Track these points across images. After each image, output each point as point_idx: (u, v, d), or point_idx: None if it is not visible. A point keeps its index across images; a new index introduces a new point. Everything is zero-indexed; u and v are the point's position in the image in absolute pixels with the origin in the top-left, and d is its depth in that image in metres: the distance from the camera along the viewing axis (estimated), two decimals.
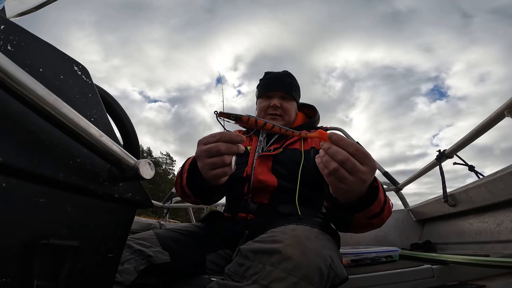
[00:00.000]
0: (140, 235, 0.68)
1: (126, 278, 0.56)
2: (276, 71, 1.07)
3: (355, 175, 0.50)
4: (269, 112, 0.98)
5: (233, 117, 0.56)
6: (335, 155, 0.50)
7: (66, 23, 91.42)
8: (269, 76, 1.05)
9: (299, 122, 1.05)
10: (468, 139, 1.09)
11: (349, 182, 0.50)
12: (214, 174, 0.60)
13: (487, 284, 0.64)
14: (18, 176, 0.28)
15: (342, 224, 0.68)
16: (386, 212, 0.61)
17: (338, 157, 0.49)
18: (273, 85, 1.01)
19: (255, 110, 1.09)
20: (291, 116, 1.00)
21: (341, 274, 0.50)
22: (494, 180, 0.83)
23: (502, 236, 0.83)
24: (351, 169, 0.49)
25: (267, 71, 1.09)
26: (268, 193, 0.83)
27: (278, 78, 1.03)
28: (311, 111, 1.11)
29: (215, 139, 0.58)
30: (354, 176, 0.50)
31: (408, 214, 1.49)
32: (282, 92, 0.99)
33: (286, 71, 1.07)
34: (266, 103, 0.99)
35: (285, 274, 0.44)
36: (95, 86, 0.40)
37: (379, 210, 0.59)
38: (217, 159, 0.58)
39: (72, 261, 0.32)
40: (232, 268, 0.51)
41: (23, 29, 0.32)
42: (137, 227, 1.93)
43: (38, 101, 0.26)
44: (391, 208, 0.65)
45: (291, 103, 1.00)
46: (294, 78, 1.05)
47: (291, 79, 1.03)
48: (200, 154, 0.60)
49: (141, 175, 0.34)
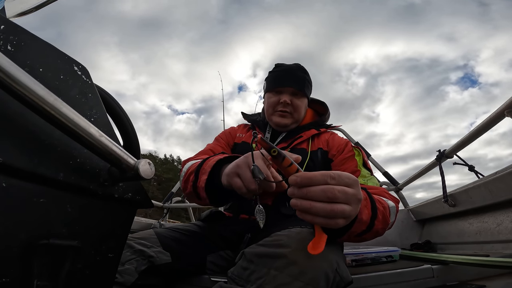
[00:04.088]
0: (141, 235, 0.68)
1: (127, 279, 0.56)
2: (288, 64, 0.98)
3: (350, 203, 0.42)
4: (278, 108, 0.91)
5: (275, 152, 0.44)
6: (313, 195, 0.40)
7: (94, 45, 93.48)
8: (280, 70, 0.96)
9: (308, 120, 0.99)
10: (468, 139, 1.09)
11: (347, 212, 0.41)
12: (235, 182, 0.54)
13: (487, 284, 0.64)
14: (18, 176, 0.28)
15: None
16: (379, 224, 0.55)
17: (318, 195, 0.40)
18: (284, 80, 0.92)
19: (263, 104, 1.02)
20: (300, 113, 0.94)
21: (346, 278, 0.50)
22: (494, 180, 0.83)
23: (502, 236, 0.83)
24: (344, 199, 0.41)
25: (277, 63, 1.00)
26: (272, 194, 0.82)
27: (290, 72, 0.94)
28: (322, 108, 1.04)
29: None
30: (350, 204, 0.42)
31: (408, 214, 1.49)
32: (294, 88, 0.91)
33: (298, 64, 0.97)
34: (275, 98, 0.92)
35: (290, 279, 0.44)
36: (95, 86, 0.40)
37: (366, 228, 0.52)
38: (250, 178, 0.51)
39: (72, 261, 0.32)
40: (236, 271, 0.50)
41: (23, 29, 0.32)
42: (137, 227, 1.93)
43: (38, 101, 0.26)
44: (387, 218, 0.58)
45: (302, 99, 0.93)
46: (306, 72, 0.96)
47: (303, 73, 0.94)
48: (236, 170, 0.54)
49: (141, 175, 0.33)
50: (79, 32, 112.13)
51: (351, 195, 0.41)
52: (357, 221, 0.49)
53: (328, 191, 0.40)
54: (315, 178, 0.41)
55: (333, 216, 0.40)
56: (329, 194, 0.39)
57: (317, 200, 0.40)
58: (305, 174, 0.41)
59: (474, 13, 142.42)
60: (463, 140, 1.12)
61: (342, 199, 0.40)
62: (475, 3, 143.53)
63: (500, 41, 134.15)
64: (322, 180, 0.40)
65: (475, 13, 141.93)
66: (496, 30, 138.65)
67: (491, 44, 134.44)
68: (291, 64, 0.97)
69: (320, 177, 0.41)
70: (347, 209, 0.41)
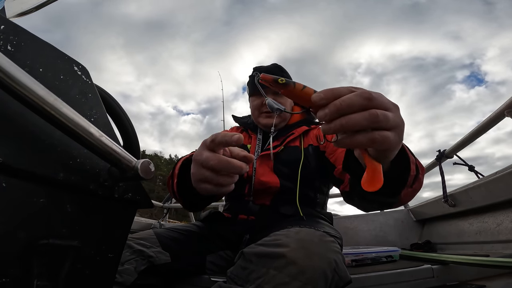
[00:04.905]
0: (140, 235, 0.68)
1: (126, 278, 0.56)
2: (265, 66, 0.99)
3: (392, 127, 0.34)
4: (263, 110, 0.92)
5: (282, 81, 0.38)
6: (350, 106, 0.32)
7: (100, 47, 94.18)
8: (257, 72, 0.97)
9: (298, 118, 0.99)
10: (468, 139, 1.09)
11: (391, 139, 0.34)
12: (203, 188, 0.47)
13: (487, 284, 0.64)
14: (18, 176, 0.28)
15: (382, 206, 0.58)
16: (421, 169, 0.49)
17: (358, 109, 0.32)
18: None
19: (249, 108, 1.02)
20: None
21: (345, 277, 0.50)
22: (494, 180, 0.83)
23: (502, 236, 0.83)
24: (384, 121, 0.33)
25: (255, 67, 1.01)
26: (270, 194, 0.82)
27: (268, 72, 0.96)
28: None
29: (212, 142, 0.44)
30: (392, 130, 0.34)
31: (408, 214, 1.49)
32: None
33: (275, 64, 0.99)
34: (259, 101, 0.93)
35: (289, 278, 0.44)
36: (95, 86, 0.40)
37: (415, 171, 0.46)
38: (213, 176, 0.45)
39: (72, 261, 0.32)
40: (235, 271, 0.51)
41: (23, 29, 0.32)
42: (137, 227, 1.93)
43: (38, 101, 0.26)
44: (421, 163, 0.51)
45: (286, 97, 0.90)
46: (284, 70, 0.98)
47: (281, 72, 0.96)
48: (196, 158, 0.46)
49: (141, 175, 0.33)
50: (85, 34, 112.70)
51: (386, 99, 0.34)
52: (410, 160, 0.43)
53: (363, 92, 0.32)
54: (340, 88, 0.33)
55: (378, 123, 0.32)
56: (365, 95, 0.32)
57: (354, 111, 0.32)
58: (328, 88, 0.34)
59: (479, 11, 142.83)
60: (463, 140, 1.12)
61: (380, 100, 0.33)
62: (480, 2, 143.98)
63: (506, 40, 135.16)
64: (347, 90, 0.33)
65: (480, 11, 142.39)
66: (501, 28, 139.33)
67: (496, 43, 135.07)
68: (268, 65, 0.99)
69: (345, 88, 0.34)
70: (390, 115, 0.33)
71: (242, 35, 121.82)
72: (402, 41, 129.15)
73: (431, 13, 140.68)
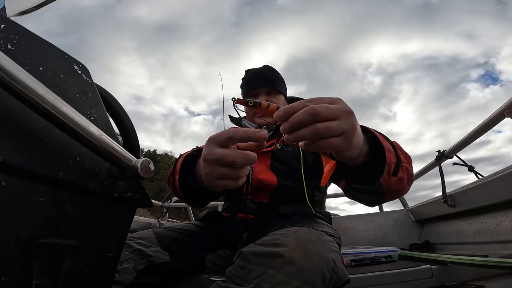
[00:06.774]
0: (139, 234, 0.68)
1: (125, 277, 0.56)
2: (256, 68, 1.02)
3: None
4: (254, 112, 0.91)
5: (251, 103, 0.51)
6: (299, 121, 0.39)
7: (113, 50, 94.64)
8: (250, 74, 1.00)
9: None
10: (468, 139, 1.09)
11: (334, 127, 0.39)
12: (222, 185, 0.46)
13: (486, 284, 0.64)
14: (17, 175, 0.28)
15: (375, 197, 0.61)
16: (404, 158, 0.53)
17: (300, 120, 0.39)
18: (256, 83, 0.96)
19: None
20: None
21: (343, 277, 0.50)
22: (494, 180, 0.83)
23: (501, 236, 0.83)
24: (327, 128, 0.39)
25: (247, 69, 1.03)
26: (268, 192, 0.82)
27: (260, 74, 0.98)
28: None
29: (229, 140, 0.44)
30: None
31: (408, 214, 1.49)
32: (266, 87, 0.95)
33: (267, 65, 1.02)
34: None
35: (287, 278, 0.44)
36: (95, 85, 0.40)
37: (396, 159, 0.50)
38: (231, 171, 0.44)
39: (71, 260, 0.32)
40: (234, 270, 0.51)
41: (23, 28, 0.32)
42: (136, 227, 1.93)
43: (38, 100, 0.26)
44: (407, 154, 0.56)
45: (278, 97, 0.96)
46: (276, 71, 1.00)
47: (272, 73, 0.99)
48: (209, 157, 0.44)
49: (141, 174, 0.33)
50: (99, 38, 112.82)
51: (334, 109, 0.39)
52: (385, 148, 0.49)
53: (308, 108, 0.38)
54: (295, 105, 0.40)
55: (320, 135, 0.39)
56: (310, 111, 0.38)
57: (303, 125, 0.39)
58: (285, 106, 0.41)
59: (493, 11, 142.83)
60: (462, 140, 1.12)
61: (325, 113, 0.38)
62: (493, 2, 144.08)
63: None
64: (301, 105, 0.40)
65: (494, 11, 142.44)
66: None
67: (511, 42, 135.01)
68: (259, 67, 1.02)
69: (299, 103, 0.40)
70: (334, 124, 0.39)
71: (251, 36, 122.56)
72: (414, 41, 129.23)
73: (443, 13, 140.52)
